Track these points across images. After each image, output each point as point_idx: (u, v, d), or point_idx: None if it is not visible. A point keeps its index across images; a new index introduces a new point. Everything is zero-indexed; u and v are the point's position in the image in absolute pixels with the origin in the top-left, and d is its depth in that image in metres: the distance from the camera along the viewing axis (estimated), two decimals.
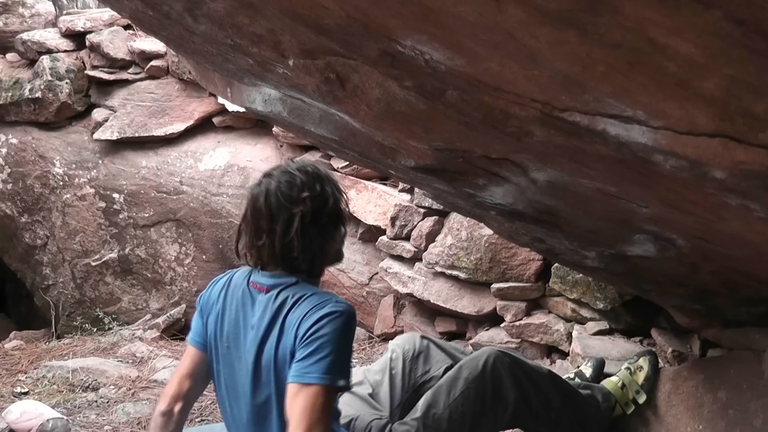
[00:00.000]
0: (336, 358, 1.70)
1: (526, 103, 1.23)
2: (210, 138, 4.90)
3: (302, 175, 1.79)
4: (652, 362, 2.51)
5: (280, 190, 1.77)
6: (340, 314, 1.72)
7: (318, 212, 1.77)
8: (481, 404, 2.17)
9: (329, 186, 1.82)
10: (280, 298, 1.78)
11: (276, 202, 1.77)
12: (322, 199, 1.78)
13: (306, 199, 1.76)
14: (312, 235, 1.78)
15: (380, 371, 2.36)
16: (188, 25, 1.63)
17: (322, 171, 1.85)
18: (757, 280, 1.88)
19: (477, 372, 2.18)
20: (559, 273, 3.21)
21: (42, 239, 5.24)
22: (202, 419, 3.23)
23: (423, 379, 2.36)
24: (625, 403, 2.44)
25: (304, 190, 1.77)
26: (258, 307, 1.82)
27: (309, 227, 1.77)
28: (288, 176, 1.79)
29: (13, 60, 5.31)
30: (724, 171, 1.09)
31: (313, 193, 1.77)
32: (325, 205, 1.79)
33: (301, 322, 1.72)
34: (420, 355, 2.38)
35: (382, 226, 4.06)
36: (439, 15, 1.05)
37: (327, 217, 1.80)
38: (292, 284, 1.80)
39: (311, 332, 1.70)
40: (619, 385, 2.45)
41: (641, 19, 0.86)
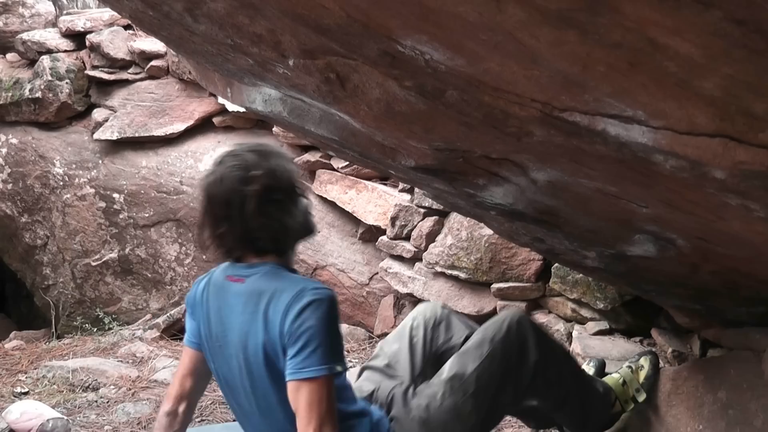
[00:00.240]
0: (327, 346, 1.70)
1: (526, 103, 1.23)
2: (210, 138, 4.90)
3: (250, 155, 1.79)
4: (653, 362, 2.51)
5: (231, 174, 1.78)
6: (321, 302, 1.72)
7: (271, 189, 1.77)
8: (506, 364, 2.13)
9: (279, 160, 1.81)
10: (256, 288, 1.79)
11: (229, 186, 1.77)
12: (272, 174, 1.78)
13: (256, 178, 1.76)
14: (270, 212, 1.77)
15: (398, 340, 2.31)
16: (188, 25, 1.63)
17: (272, 147, 1.86)
18: (757, 280, 1.88)
19: (503, 332, 2.15)
20: (559, 273, 3.21)
21: (42, 239, 5.24)
22: (202, 419, 3.23)
23: (445, 347, 2.32)
24: (625, 400, 2.44)
25: (253, 168, 1.77)
26: (237, 300, 1.82)
27: (265, 205, 1.77)
28: (236, 159, 1.80)
29: (13, 60, 5.31)
30: (724, 171, 1.09)
31: (263, 171, 1.77)
32: (278, 181, 1.78)
33: (284, 317, 1.72)
34: (441, 323, 2.34)
35: (382, 226, 4.06)
36: (439, 15, 1.05)
37: (281, 192, 1.79)
38: (265, 272, 1.80)
39: (297, 327, 1.70)
40: (620, 381, 2.45)
41: (641, 19, 0.86)
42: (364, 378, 2.21)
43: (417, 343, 2.28)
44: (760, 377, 2.06)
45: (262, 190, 1.76)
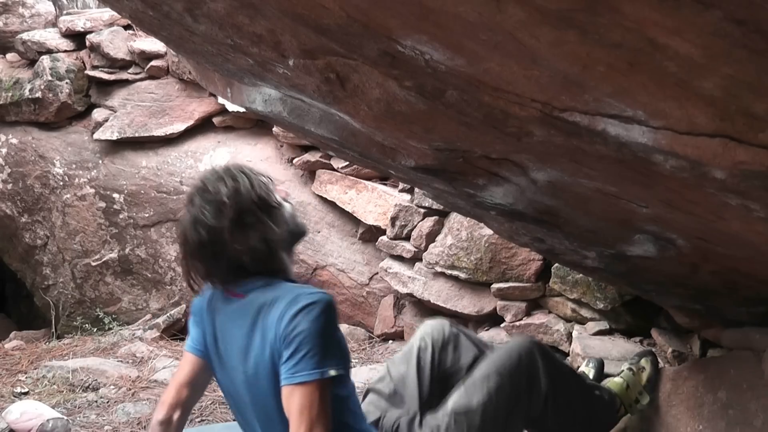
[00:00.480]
0: (320, 349, 1.68)
1: (526, 103, 1.23)
2: (210, 138, 4.90)
3: (217, 185, 1.76)
4: (653, 362, 2.50)
5: (202, 214, 1.75)
6: (314, 304, 1.70)
7: (242, 214, 1.74)
8: (515, 396, 2.10)
9: (241, 178, 1.78)
10: (256, 302, 1.77)
11: (203, 227, 1.74)
12: (239, 198, 1.75)
13: (225, 209, 1.73)
14: (250, 236, 1.75)
15: (405, 362, 2.27)
16: (188, 25, 1.63)
17: (234, 170, 1.81)
18: (757, 280, 1.88)
19: (512, 363, 2.11)
20: (559, 273, 3.21)
21: (42, 239, 5.24)
22: (202, 419, 3.23)
23: (453, 369, 2.28)
24: (629, 404, 2.43)
25: (220, 201, 1.73)
26: (237, 314, 1.81)
27: (243, 232, 1.74)
28: (204, 195, 1.76)
29: (13, 60, 5.31)
30: (724, 171, 1.09)
31: (229, 199, 1.73)
32: (246, 203, 1.75)
33: (279, 323, 1.70)
34: (449, 344, 2.30)
35: (382, 226, 4.06)
36: (439, 15, 1.05)
37: (253, 213, 1.76)
38: (264, 284, 1.78)
39: (290, 330, 1.69)
40: (624, 386, 2.43)
41: (641, 19, 0.86)
42: (369, 402, 2.18)
43: (425, 367, 2.25)
44: (760, 377, 2.06)
45: (235, 218, 1.73)
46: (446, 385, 2.26)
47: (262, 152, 4.73)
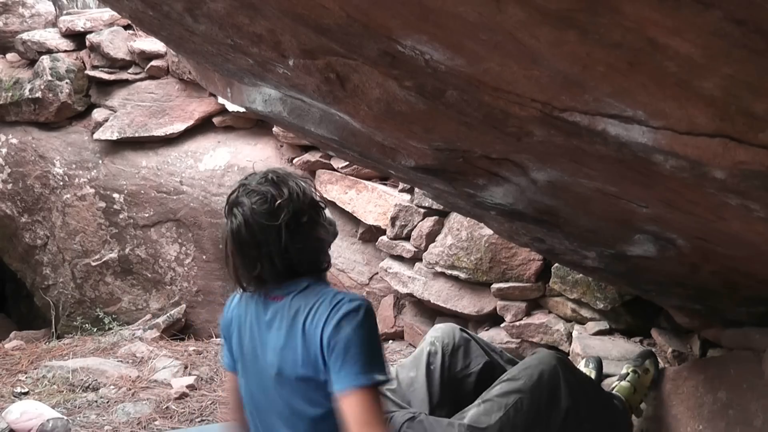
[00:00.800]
0: (365, 356, 1.69)
1: (526, 103, 1.23)
2: (210, 138, 4.90)
3: (268, 187, 1.77)
4: (656, 364, 2.50)
5: (256, 214, 1.75)
6: (356, 311, 1.70)
7: (297, 213, 1.76)
8: (534, 413, 2.07)
9: (293, 182, 1.80)
10: (294, 305, 1.77)
11: (258, 226, 1.75)
12: (295, 199, 1.77)
13: (283, 209, 1.74)
14: (303, 236, 1.77)
15: (414, 366, 2.27)
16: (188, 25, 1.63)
17: (280, 172, 1.83)
18: (757, 280, 1.88)
19: (533, 381, 2.09)
20: (559, 273, 3.21)
21: (42, 239, 5.24)
22: (202, 419, 3.23)
23: (462, 374, 2.27)
24: (636, 407, 2.42)
25: (276, 200, 1.75)
26: (273, 317, 1.81)
27: (297, 232, 1.76)
28: (256, 196, 1.77)
29: (13, 60, 5.31)
30: (724, 171, 1.09)
31: (286, 199, 1.75)
32: (301, 203, 1.77)
33: (323, 330, 1.70)
34: (459, 349, 2.29)
35: (382, 226, 4.06)
36: (439, 15, 1.05)
37: (307, 213, 1.78)
38: (303, 289, 1.79)
39: (336, 339, 1.69)
40: (631, 390, 2.42)
41: (641, 19, 0.86)
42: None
43: (434, 371, 2.24)
44: (760, 377, 2.05)
45: (291, 218, 1.75)
46: (456, 390, 2.25)
47: (262, 152, 4.73)
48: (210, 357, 4.07)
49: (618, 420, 2.29)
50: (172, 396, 3.44)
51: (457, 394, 2.24)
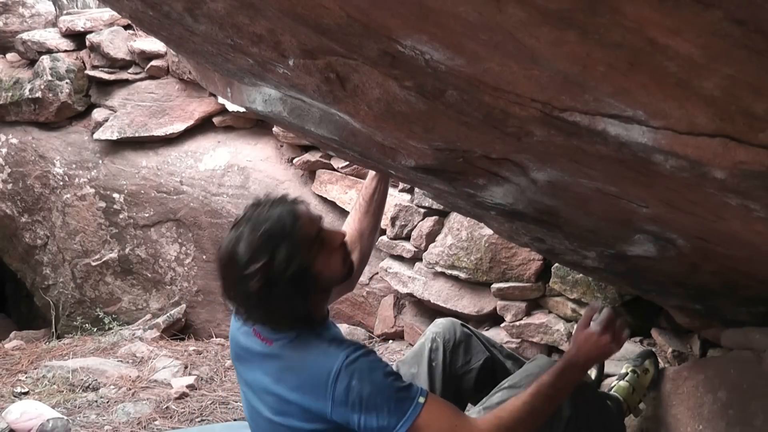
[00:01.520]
0: (391, 396, 1.69)
1: (526, 103, 1.23)
2: (210, 138, 4.90)
3: (253, 241, 1.71)
4: (656, 364, 2.50)
5: (235, 258, 1.72)
6: (354, 363, 1.70)
7: (273, 280, 1.70)
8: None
9: (285, 247, 1.71)
10: (283, 356, 1.77)
11: (235, 271, 1.73)
12: (274, 266, 1.70)
13: (256, 275, 1.69)
14: (274, 299, 1.72)
15: (416, 363, 2.26)
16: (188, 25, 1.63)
17: (279, 227, 1.73)
18: (758, 280, 1.88)
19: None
20: (560, 273, 3.21)
21: (42, 239, 5.24)
22: (202, 419, 3.23)
23: (463, 370, 2.27)
24: (634, 407, 2.42)
25: (253, 261, 1.70)
26: (263, 358, 1.82)
27: (269, 293, 1.71)
28: (241, 245, 1.72)
29: (13, 60, 5.31)
30: (724, 171, 1.09)
31: (262, 263, 1.69)
32: (282, 272, 1.70)
33: (330, 391, 1.69)
34: (461, 345, 2.28)
35: (382, 226, 4.06)
36: (439, 15, 1.05)
37: (285, 282, 1.71)
38: (292, 339, 1.78)
39: (359, 400, 1.68)
40: (630, 390, 2.42)
41: (641, 19, 0.86)
42: None
43: (436, 367, 2.23)
44: (760, 377, 2.05)
45: (265, 282, 1.70)
46: (457, 387, 2.25)
47: (262, 152, 4.73)
48: (210, 357, 4.07)
49: (611, 422, 2.29)
50: (172, 396, 3.44)
51: (457, 390, 2.24)
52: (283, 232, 1.73)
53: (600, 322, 1.80)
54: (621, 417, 2.35)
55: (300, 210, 1.79)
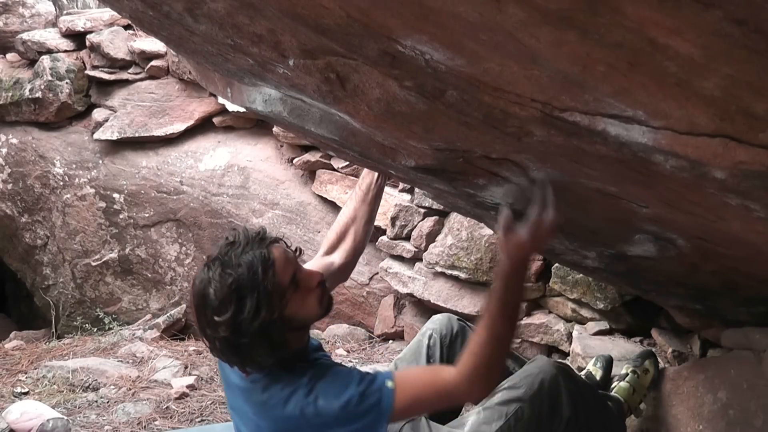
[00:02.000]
0: (361, 400, 1.70)
1: (526, 103, 1.23)
2: (210, 138, 4.90)
3: (222, 289, 1.67)
4: (656, 364, 2.49)
5: (204, 303, 1.70)
6: (314, 387, 1.72)
7: (240, 331, 1.68)
8: (535, 422, 2.05)
9: (254, 298, 1.67)
10: (256, 391, 1.78)
11: (204, 315, 1.71)
12: (241, 318, 1.67)
13: (222, 325, 1.67)
14: (243, 347, 1.71)
15: (414, 359, 2.26)
16: (188, 25, 1.63)
17: (249, 276, 1.67)
18: (758, 280, 1.88)
19: (534, 389, 2.06)
20: (560, 273, 3.21)
21: (42, 239, 5.24)
22: (202, 419, 3.23)
23: None
24: (635, 408, 2.41)
25: (221, 311, 1.67)
26: (242, 390, 1.83)
27: (237, 341, 1.70)
28: (210, 290, 1.69)
29: (13, 60, 5.31)
30: (724, 171, 1.09)
31: (230, 313, 1.66)
32: (248, 323, 1.67)
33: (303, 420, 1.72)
34: (457, 339, 2.28)
35: (383, 226, 4.06)
36: (439, 15, 1.05)
37: (253, 333, 1.68)
38: (265, 375, 1.78)
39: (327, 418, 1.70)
40: (630, 391, 2.41)
41: (641, 19, 0.86)
42: None
43: (434, 363, 2.24)
44: (760, 377, 2.05)
45: (230, 334, 1.68)
46: None
47: (262, 152, 4.73)
48: (210, 357, 4.06)
49: (612, 422, 2.29)
50: (172, 396, 3.44)
51: None
52: (254, 282, 1.67)
53: (529, 230, 1.69)
54: (622, 417, 2.35)
55: (274, 255, 1.72)
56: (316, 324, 4.33)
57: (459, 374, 1.72)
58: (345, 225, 2.24)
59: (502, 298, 1.75)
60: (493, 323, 1.73)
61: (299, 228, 4.48)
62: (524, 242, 1.71)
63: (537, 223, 1.68)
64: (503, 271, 1.75)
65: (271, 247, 1.74)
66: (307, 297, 1.78)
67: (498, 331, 1.74)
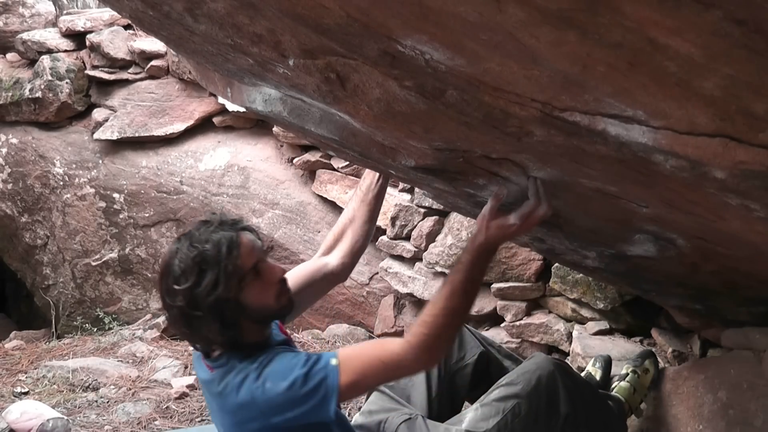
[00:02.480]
0: (307, 380, 1.71)
1: (526, 103, 1.23)
2: (210, 138, 4.90)
3: (186, 260, 1.73)
4: (656, 363, 2.49)
5: (167, 273, 1.76)
6: (263, 371, 1.74)
7: (194, 303, 1.72)
8: (533, 419, 2.05)
9: (213, 273, 1.73)
10: (219, 380, 1.80)
11: (165, 284, 1.77)
12: (197, 291, 1.72)
13: (179, 294, 1.72)
14: (194, 321, 1.75)
15: None
16: (188, 24, 1.63)
17: (213, 253, 1.73)
18: (758, 280, 1.88)
19: (531, 386, 2.07)
20: (560, 273, 3.21)
21: (42, 239, 5.24)
22: (202, 419, 3.23)
23: (457, 366, 2.27)
24: (636, 407, 2.41)
25: (181, 280, 1.73)
26: (209, 384, 1.85)
27: (191, 315, 1.74)
28: (176, 261, 1.75)
29: (14, 60, 5.31)
30: (724, 171, 1.09)
31: (189, 284, 1.72)
32: (203, 297, 1.72)
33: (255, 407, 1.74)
34: (454, 341, 2.26)
35: (383, 226, 4.06)
36: (439, 15, 1.05)
37: (206, 307, 1.73)
38: (224, 365, 1.80)
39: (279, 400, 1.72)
40: (631, 390, 2.41)
41: (641, 19, 0.86)
42: (373, 401, 2.18)
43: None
44: (760, 377, 2.06)
45: (186, 305, 1.73)
46: (452, 384, 2.25)
47: (262, 152, 4.73)
48: None
49: (612, 422, 2.29)
50: (172, 396, 3.44)
51: (453, 387, 2.24)
52: (217, 258, 1.73)
53: (521, 216, 1.70)
54: (623, 417, 2.35)
55: (242, 239, 1.78)
56: (316, 324, 4.37)
57: (407, 343, 1.73)
58: (343, 226, 2.25)
59: (467, 271, 1.76)
60: (452, 295, 1.74)
61: (299, 228, 4.48)
62: (509, 225, 1.73)
63: (529, 213, 1.70)
64: (476, 247, 1.77)
65: (241, 233, 1.80)
66: (266, 289, 1.81)
67: (455, 304, 1.75)
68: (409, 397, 2.21)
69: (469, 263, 1.76)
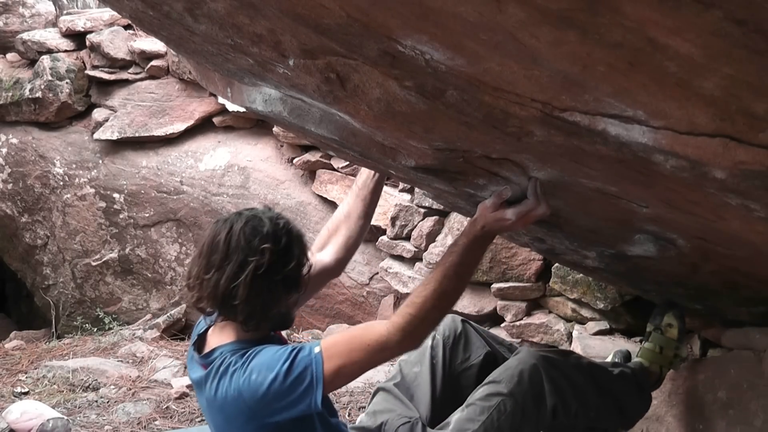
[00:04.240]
0: (290, 373, 1.70)
1: (527, 103, 1.23)
2: (210, 138, 4.90)
3: (271, 226, 1.75)
4: (677, 315, 2.33)
5: (243, 232, 1.74)
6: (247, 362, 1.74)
7: (273, 269, 1.73)
8: (520, 415, 2.03)
9: (296, 247, 1.78)
10: (211, 377, 1.79)
11: (235, 242, 1.74)
12: (283, 256, 1.74)
13: (266, 251, 1.72)
14: (259, 289, 1.74)
15: (419, 362, 2.25)
16: (188, 25, 1.63)
17: (294, 229, 1.81)
18: (758, 280, 1.88)
19: (513, 383, 2.05)
20: (560, 273, 3.21)
21: (42, 239, 5.24)
22: (202, 419, 3.23)
23: (462, 367, 2.26)
24: (669, 362, 2.31)
25: (267, 241, 1.73)
26: (199, 385, 1.85)
27: (259, 280, 1.73)
28: (256, 221, 1.76)
29: (14, 60, 5.31)
30: (724, 171, 1.09)
31: (276, 248, 1.73)
32: (285, 266, 1.74)
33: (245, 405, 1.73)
34: (460, 341, 2.28)
35: (383, 226, 4.06)
36: (439, 15, 1.05)
37: (282, 277, 1.75)
38: (219, 366, 1.79)
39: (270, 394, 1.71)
40: (657, 350, 2.31)
41: (641, 19, 0.86)
42: (378, 402, 2.17)
43: (437, 365, 2.23)
44: (760, 377, 2.06)
45: (265, 265, 1.72)
46: (456, 383, 2.23)
47: (262, 152, 4.73)
48: None
49: (625, 402, 2.22)
50: (173, 396, 3.44)
51: (458, 387, 2.23)
52: (299, 236, 1.81)
53: (518, 213, 1.73)
54: (642, 387, 2.26)
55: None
56: (316, 324, 4.37)
57: (392, 324, 1.73)
58: (337, 222, 2.26)
59: (462, 255, 1.77)
60: (444, 278, 1.75)
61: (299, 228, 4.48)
62: (506, 219, 1.76)
63: (526, 212, 1.73)
64: (473, 233, 1.79)
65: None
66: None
67: (445, 288, 1.75)
68: (413, 396, 2.20)
69: (464, 246, 1.78)
